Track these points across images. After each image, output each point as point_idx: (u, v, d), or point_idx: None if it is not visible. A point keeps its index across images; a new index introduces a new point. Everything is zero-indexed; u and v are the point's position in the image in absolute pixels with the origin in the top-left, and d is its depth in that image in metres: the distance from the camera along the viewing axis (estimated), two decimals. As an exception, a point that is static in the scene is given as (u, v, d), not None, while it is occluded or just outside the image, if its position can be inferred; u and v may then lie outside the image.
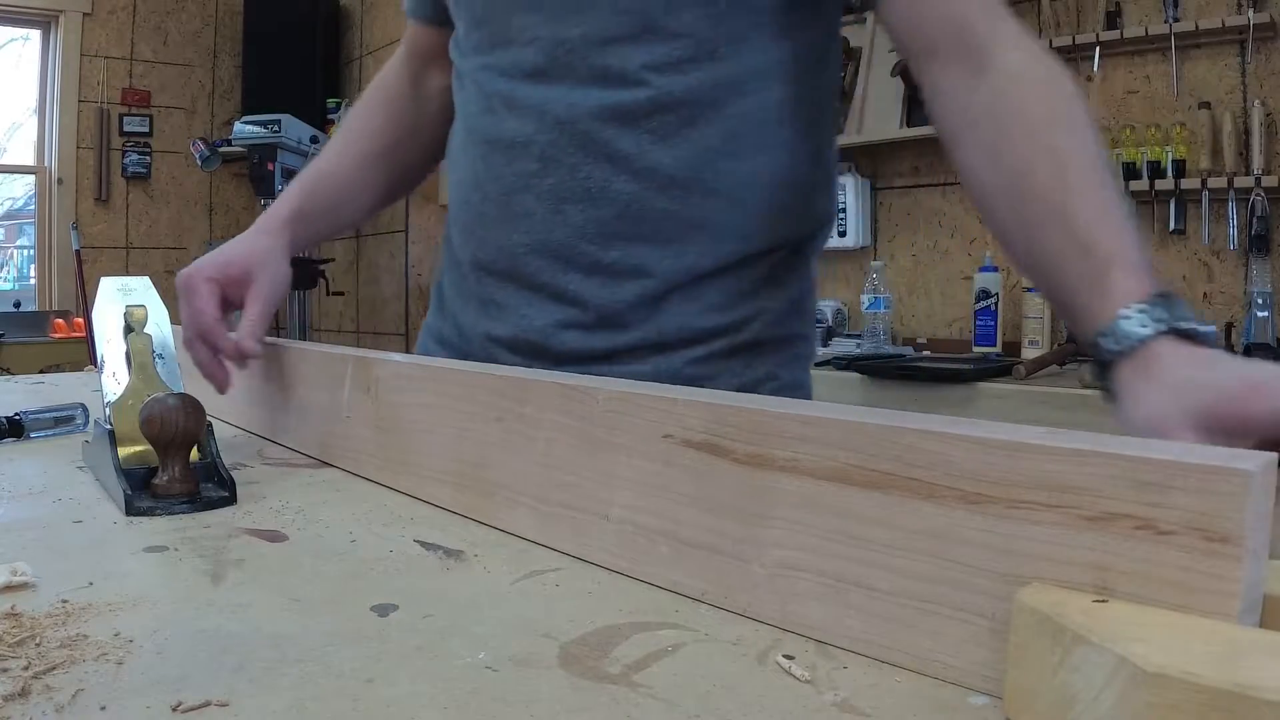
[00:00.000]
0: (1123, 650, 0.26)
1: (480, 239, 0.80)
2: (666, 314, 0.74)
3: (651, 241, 0.72)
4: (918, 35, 0.68)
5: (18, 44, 4.76)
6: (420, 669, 0.36)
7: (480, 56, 0.78)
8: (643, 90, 0.70)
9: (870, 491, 0.36)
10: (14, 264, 5.08)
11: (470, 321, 0.83)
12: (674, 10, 0.69)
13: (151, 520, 0.57)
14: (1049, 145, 0.59)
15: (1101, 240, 0.53)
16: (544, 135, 0.73)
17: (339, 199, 0.93)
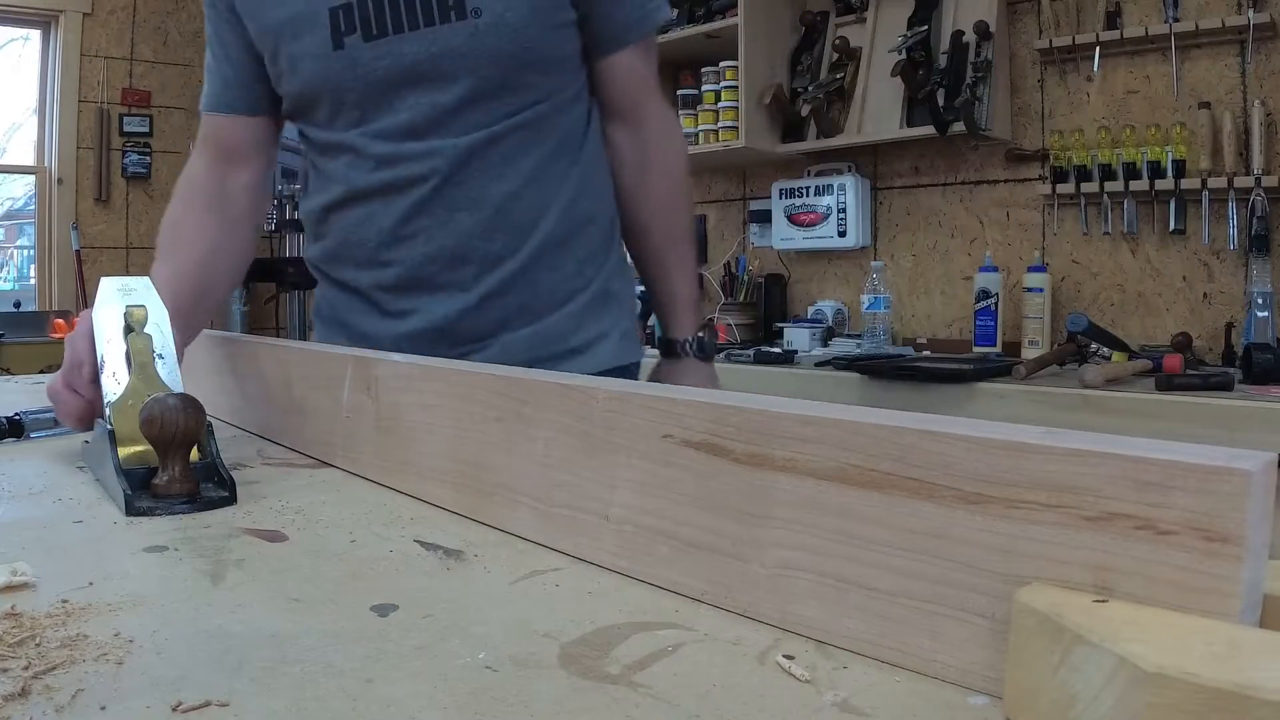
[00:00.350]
0: (1123, 650, 0.26)
1: (380, 267, 1.00)
2: (542, 281, 1.00)
3: (519, 230, 0.97)
4: (607, 101, 1.05)
5: (18, 44, 4.76)
6: (420, 669, 0.36)
7: (357, 128, 0.97)
8: (502, 126, 0.96)
9: (870, 491, 0.36)
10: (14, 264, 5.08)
11: (376, 329, 1.02)
12: (520, 74, 0.95)
13: (151, 520, 0.57)
14: (672, 195, 1.07)
15: (683, 291, 1.08)
16: (434, 170, 0.95)
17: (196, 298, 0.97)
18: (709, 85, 2.81)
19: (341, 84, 0.95)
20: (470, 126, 0.94)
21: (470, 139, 0.94)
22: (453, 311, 0.97)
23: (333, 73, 0.95)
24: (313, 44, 0.95)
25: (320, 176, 1.03)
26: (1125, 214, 2.24)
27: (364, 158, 0.96)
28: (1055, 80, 2.39)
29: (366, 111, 0.96)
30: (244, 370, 0.94)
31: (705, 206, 3.22)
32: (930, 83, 2.38)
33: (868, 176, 2.75)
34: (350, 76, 0.94)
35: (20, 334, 4.12)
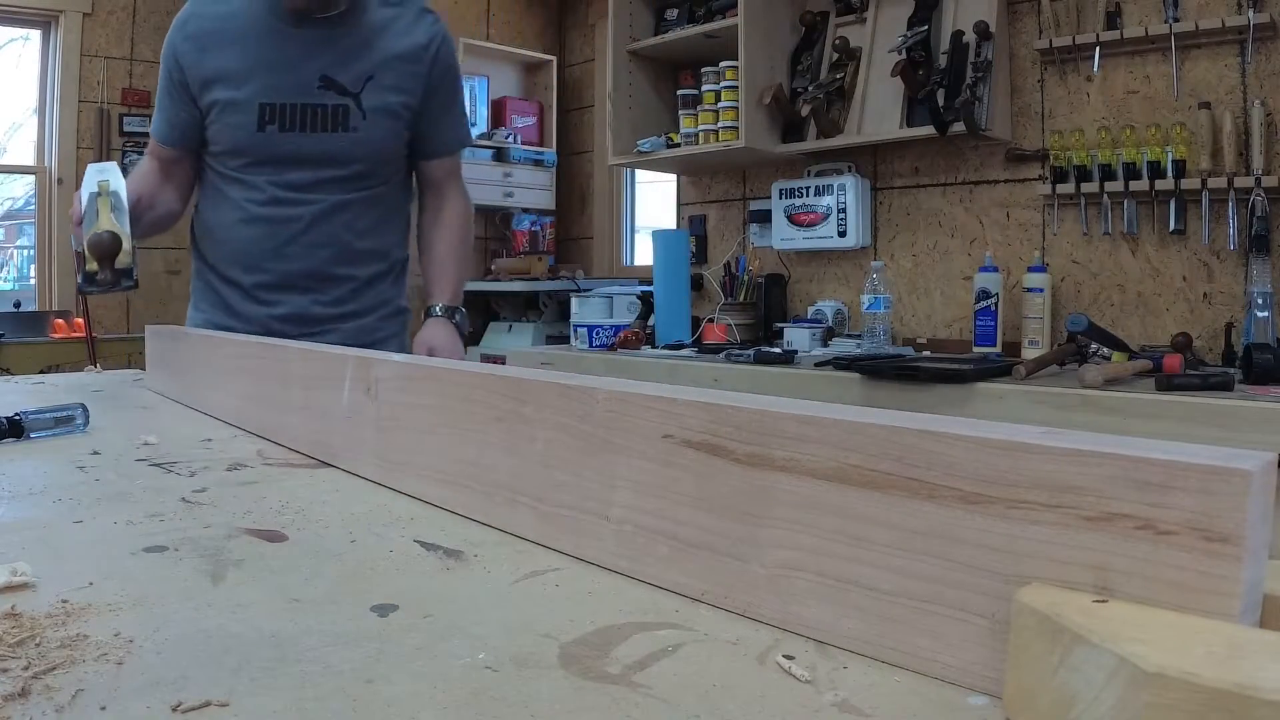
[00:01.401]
0: (1122, 650, 0.26)
1: (262, 272, 1.49)
2: (366, 296, 1.55)
3: (357, 263, 1.53)
4: (424, 183, 1.64)
5: (18, 44, 4.76)
6: (420, 669, 0.36)
7: (260, 175, 1.47)
8: (354, 196, 1.50)
9: (870, 491, 0.36)
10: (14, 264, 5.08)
11: (252, 311, 1.49)
12: (373, 168, 1.51)
13: (151, 520, 0.57)
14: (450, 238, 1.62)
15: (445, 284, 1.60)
16: (307, 214, 1.47)
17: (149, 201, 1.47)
18: (709, 85, 2.81)
19: (257, 152, 1.46)
20: (335, 193, 1.48)
21: (334, 199, 1.47)
22: (309, 307, 1.50)
23: (253, 144, 1.45)
24: (242, 122, 1.44)
25: (219, 193, 1.50)
26: (1125, 214, 2.24)
27: (259, 193, 1.47)
28: (1055, 80, 2.39)
29: (268, 169, 1.46)
30: (244, 370, 0.94)
31: (705, 206, 3.22)
32: (930, 83, 2.38)
33: (868, 176, 2.75)
34: (264, 149, 1.45)
35: (20, 334, 4.12)
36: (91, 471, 0.72)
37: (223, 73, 1.44)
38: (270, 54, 1.44)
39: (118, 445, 0.83)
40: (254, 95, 1.43)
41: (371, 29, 1.48)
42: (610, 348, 2.71)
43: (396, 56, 1.50)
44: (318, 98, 1.45)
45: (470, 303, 4.63)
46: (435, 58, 1.53)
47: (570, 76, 4.89)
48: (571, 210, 4.89)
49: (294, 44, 1.44)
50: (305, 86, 1.45)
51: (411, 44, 1.51)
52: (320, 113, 1.46)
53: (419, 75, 1.52)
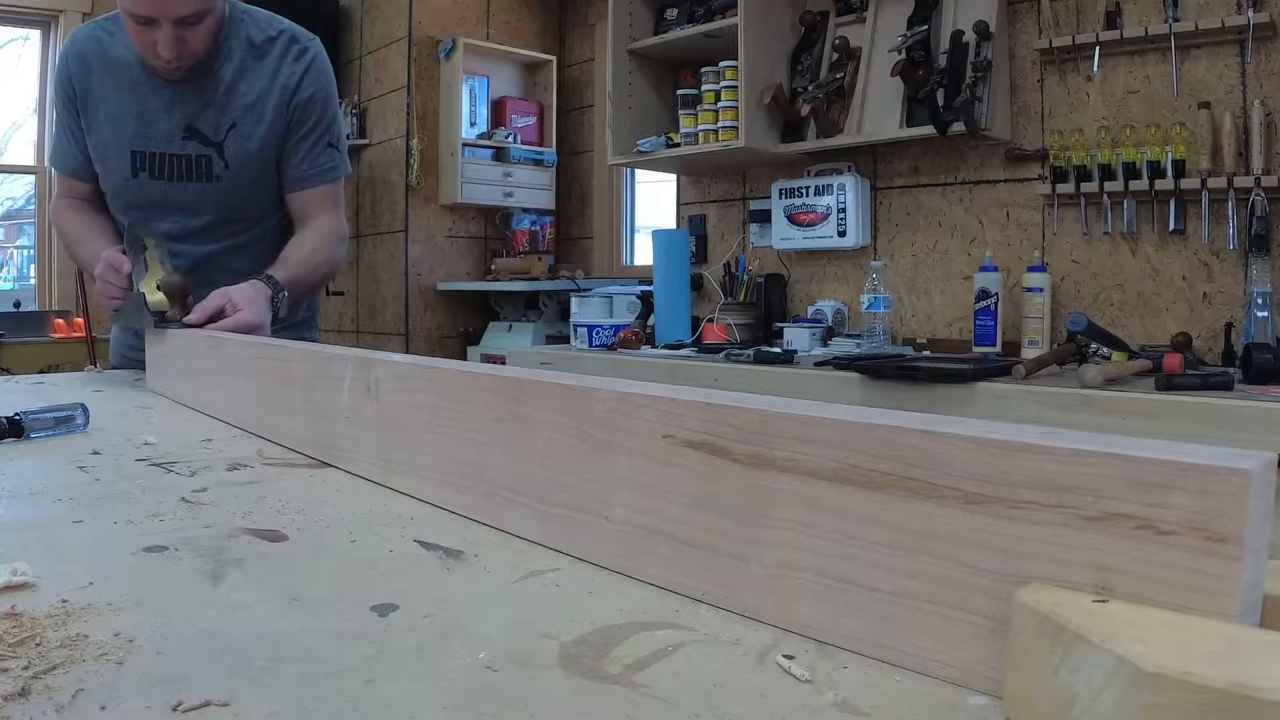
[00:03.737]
0: (1122, 650, 0.26)
1: None
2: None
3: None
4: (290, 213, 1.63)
5: (18, 44, 4.76)
6: (420, 669, 0.36)
7: (137, 216, 1.51)
8: (226, 245, 1.58)
9: (870, 491, 0.36)
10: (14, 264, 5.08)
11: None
12: (246, 209, 1.59)
13: (151, 520, 0.57)
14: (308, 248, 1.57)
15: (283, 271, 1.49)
16: (184, 263, 1.50)
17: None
18: (709, 85, 2.81)
19: (130, 197, 1.53)
20: (207, 242, 1.55)
21: (206, 249, 1.55)
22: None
23: (127, 189, 1.53)
24: (118, 168, 1.51)
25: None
26: (1125, 214, 2.24)
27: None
28: (1055, 80, 2.39)
29: (145, 214, 1.51)
30: (244, 370, 0.94)
31: (705, 206, 3.22)
32: (930, 83, 2.38)
33: (867, 176, 2.75)
34: (138, 195, 1.52)
35: (20, 334, 4.12)
36: (91, 471, 0.72)
37: (104, 112, 1.49)
38: (141, 102, 1.48)
39: (118, 445, 0.83)
40: (126, 141, 1.49)
41: (235, 75, 1.50)
42: (610, 348, 2.71)
43: (259, 100, 1.52)
44: (181, 148, 1.50)
45: (470, 302, 4.64)
46: (295, 91, 1.53)
47: (570, 76, 4.89)
48: (571, 210, 4.89)
49: (162, 94, 1.48)
50: (170, 136, 1.49)
51: (275, 85, 1.52)
52: (185, 162, 1.50)
53: (281, 114, 1.53)
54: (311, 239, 1.57)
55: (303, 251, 1.54)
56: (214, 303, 1.28)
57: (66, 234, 1.58)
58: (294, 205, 1.61)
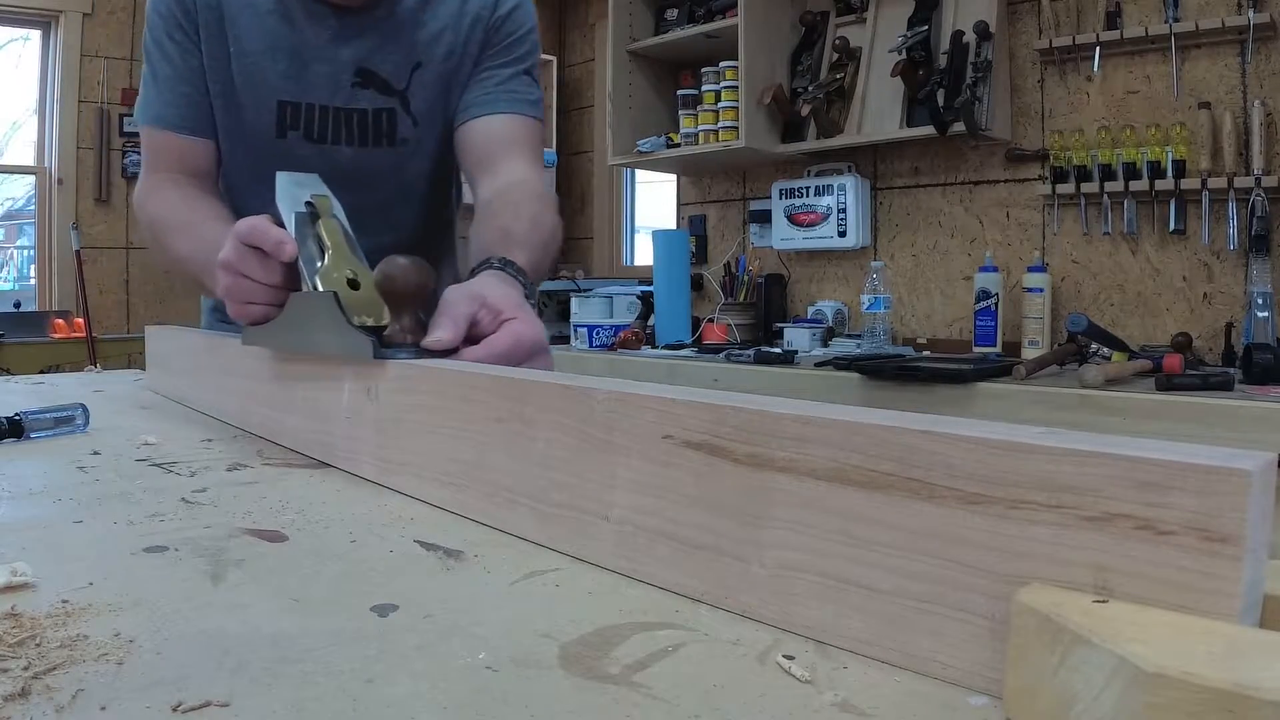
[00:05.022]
0: (1122, 650, 0.26)
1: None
2: None
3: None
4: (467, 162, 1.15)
5: (18, 44, 4.76)
6: (420, 669, 0.36)
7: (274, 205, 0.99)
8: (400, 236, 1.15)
9: (870, 491, 0.36)
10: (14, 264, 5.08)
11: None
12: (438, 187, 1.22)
13: (151, 521, 0.57)
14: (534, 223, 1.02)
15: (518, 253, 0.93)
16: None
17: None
18: (709, 85, 2.81)
19: (274, 168, 0.92)
20: (380, 232, 1.03)
21: (378, 242, 0.91)
22: None
23: (266, 157, 1.05)
24: (256, 125, 1.08)
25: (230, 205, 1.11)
26: (1125, 214, 2.24)
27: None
28: (1055, 80, 2.39)
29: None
30: (244, 370, 0.94)
31: (705, 206, 3.22)
32: (930, 83, 2.38)
33: (868, 176, 2.75)
34: (284, 165, 0.91)
35: (20, 334, 4.12)
36: (91, 472, 0.72)
37: (237, 44, 1.04)
38: (294, 34, 1.04)
39: (118, 445, 0.83)
40: (270, 87, 1.05)
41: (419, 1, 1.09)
42: (610, 348, 2.71)
43: (448, 29, 1.09)
44: (351, 98, 1.07)
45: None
46: (495, 8, 1.12)
47: (570, 76, 4.89)
48: (571, 210, 4.89)
49: (325, 24, 1.04)
50: (336, 83, 1.06)
51: (468, 8, 1.11)
52: (356, 119, 1.08)
53: (474, 45, 1.11)
54: (527, 205, 1.04)
55: (524, 221, 1.00)
56: (463, 309, 0.72)
57: (160, 220, 1.05)
58: (473, 145, 1.11)
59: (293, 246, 0.75)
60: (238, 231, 0.77)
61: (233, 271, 0.78)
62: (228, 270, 0.78)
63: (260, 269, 0.77)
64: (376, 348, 0.67)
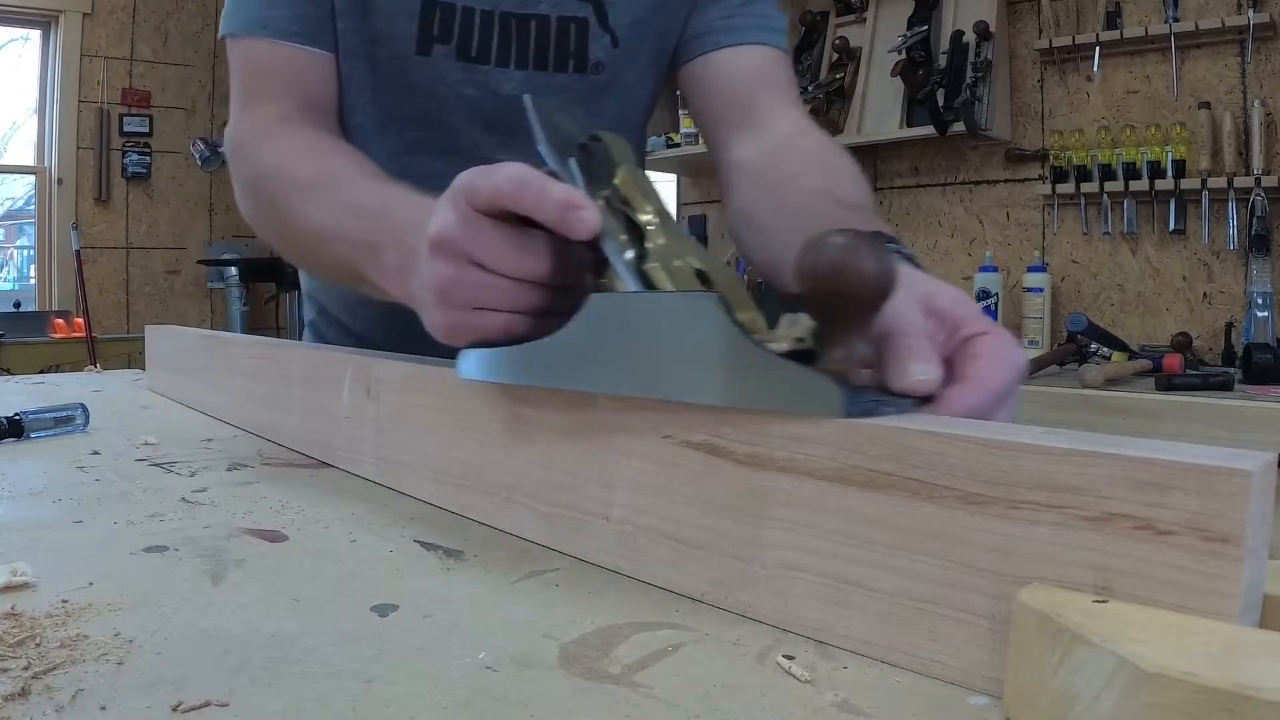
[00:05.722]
0: (1123, 651, 0.26)
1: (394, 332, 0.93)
2: None
3: None
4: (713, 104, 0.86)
5: (18, 44, 4.76)
6: (420, 669, 0.36)
7: (407, 154, 0.81)
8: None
9: (870, 491, 0.36)
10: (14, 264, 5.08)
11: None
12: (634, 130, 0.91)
13: (151, 520, 0.57)
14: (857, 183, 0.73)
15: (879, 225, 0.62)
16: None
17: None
18: (709, 85, 2.81)
19: (415, 97, 0.75)
20: None
21: None
22: None
23: (404, 80, 0.76)
24: (391, 36, 0.75)
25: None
26: (1125, 214, 2.24)
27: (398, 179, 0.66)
28: (1055, 80, 2.39)
29: (426, 137, 0.78)
30: (244, 370, 0.94)
31: (705, 207, 3.22)
32: (930, 83, 2.38)
33: (868, 176, 2.75)
34: (430, 92, 0.74)
35: (20, 334, 4.13)
36: (91, 471, 0.72)
37: None
38: None
39: (118, 445, 0.83)
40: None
41: None
42: (610, 348, 2.71)
43: None
44: (527, 1, 0.79)
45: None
46: None
47: (570, 76, 4.89)
48: (571, 210, 4.88)
49: None
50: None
51: None
52: (534, 30, 0.78)
53: None
54: (839, 160, 0.76)
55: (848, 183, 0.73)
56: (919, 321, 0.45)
57: (279, 173, 0.73)
58: (719, 86, 0.84)
59: (595, 215, 0.45)
60: (476, 188, 0.47)
61: (457, 256, 0.48)
62: (447, 252, 0.48)
63: (515, 252, 0.47)
64: (850, 400, 0.37)
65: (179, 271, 5.02)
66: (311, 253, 0.71)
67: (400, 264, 0.56)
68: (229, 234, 5.09)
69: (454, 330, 0.50)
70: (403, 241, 0.56)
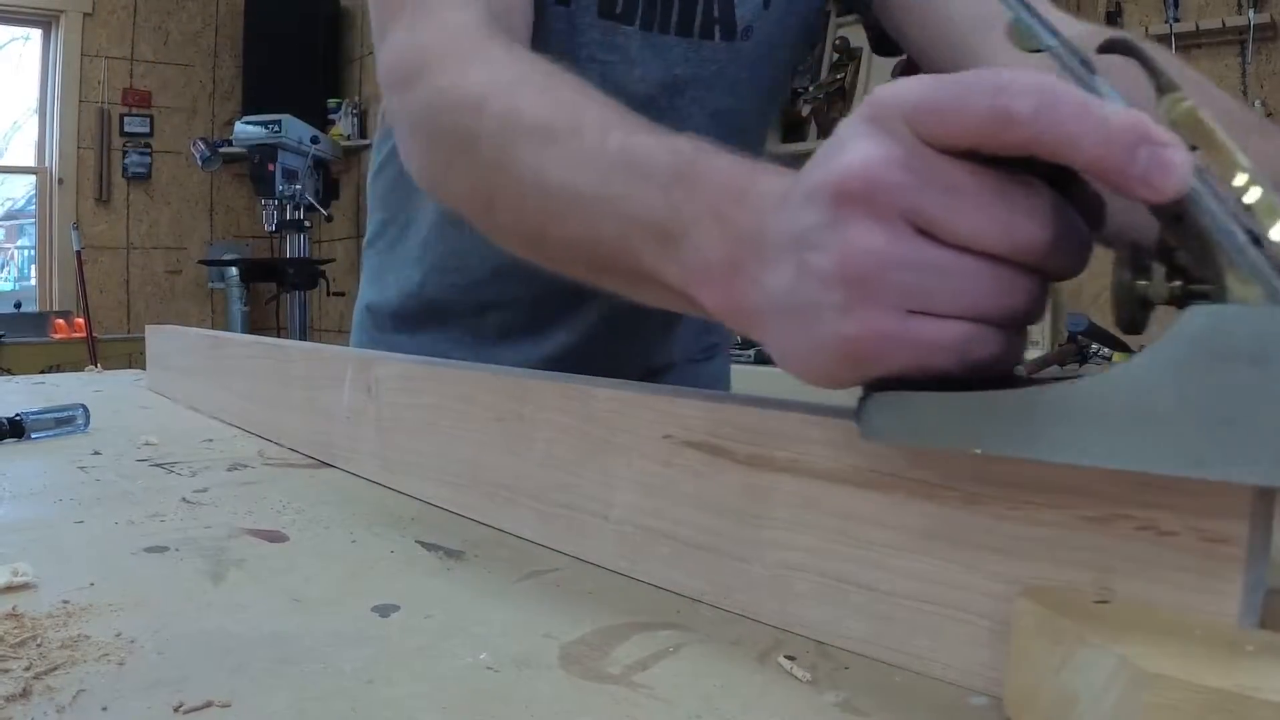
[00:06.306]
0: (1124, 651, 0.26)
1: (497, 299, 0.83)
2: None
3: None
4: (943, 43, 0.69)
5: (18, 44, 4.76)
6: (421, 669, 0.36)
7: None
8: None
9: (870, 492, 0.36)
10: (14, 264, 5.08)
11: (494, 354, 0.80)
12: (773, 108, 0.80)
13: (152, 521, 0.57)
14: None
15: None
16: None
17: None
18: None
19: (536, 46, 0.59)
20: None
21: None
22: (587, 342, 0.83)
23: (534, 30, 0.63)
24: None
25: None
26: (1126, 214, 2.24)
27: None
28: (1056, 80, 2.39)
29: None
30: (244, 370, 0.94)
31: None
32: (931, 83, 2.38)
33: (868, 176, 2.75)
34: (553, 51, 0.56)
35: (20, 334, 4.13)
36: (92, 472, 0.72)
37: None
38: None
39: (118, 445, 0.83)
40: None
41: None
42: (610, 348, 2.71)
43: None
44: None
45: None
46: None
47: (570, 76, 4.88)
48: (572, 210, 4.88)
49: None
50: None
51: None
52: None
53: None
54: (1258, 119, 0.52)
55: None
56: None
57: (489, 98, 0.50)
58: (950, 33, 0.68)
59: (1186, 160, 0.26)
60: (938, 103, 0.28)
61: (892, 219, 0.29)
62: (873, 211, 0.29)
63: (1005, 212, 0.28)
64: None
65: (179, 272, 5.02)
66: (548, 225, 0.47)
67: (728, 256, 0.36)
68: (230, 234, 5.09)
69: (871, 346, 0.30)
70: (729, 219, 0.36)
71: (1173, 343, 0.26)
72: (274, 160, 3.74)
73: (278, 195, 3.89)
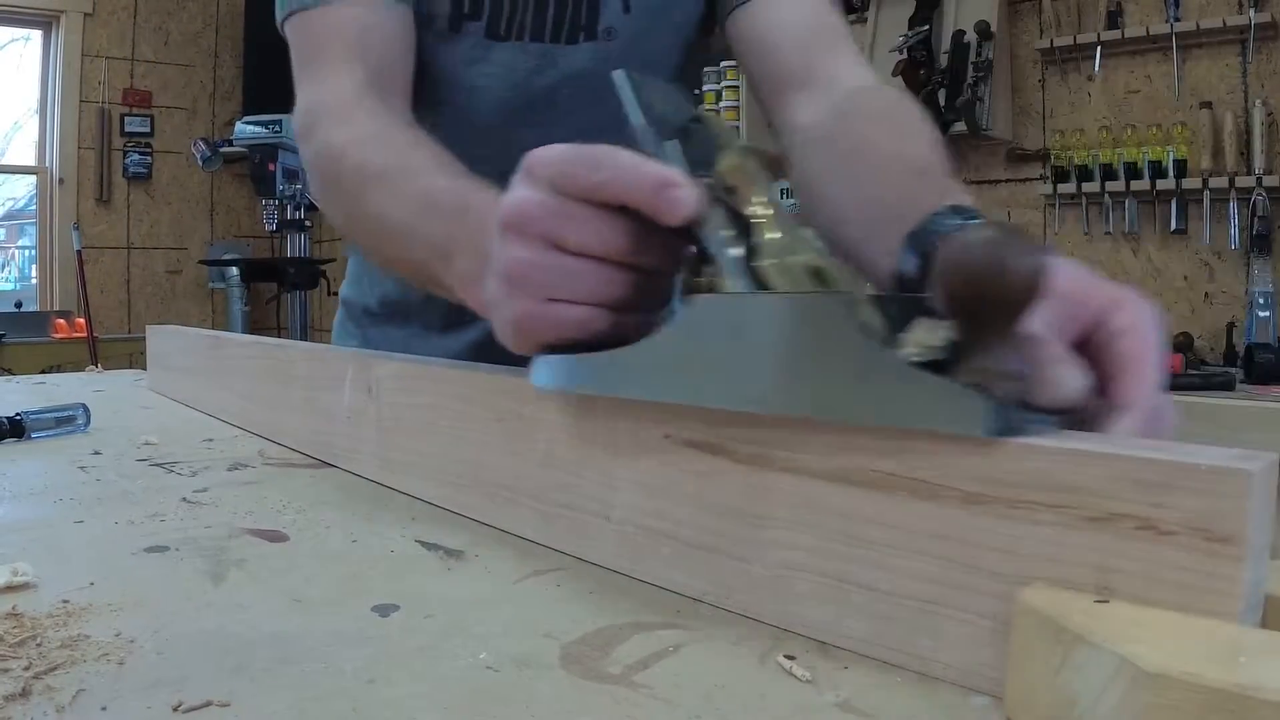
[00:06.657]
0: (1124, 651, 0.26)
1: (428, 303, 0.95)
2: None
3: None
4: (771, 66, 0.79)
5: (19, 44, 4.77)
6: (421, 669, 0.36)
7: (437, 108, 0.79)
8: None
9: (870, 491, 0.36)
10: (15, 264, 5.08)
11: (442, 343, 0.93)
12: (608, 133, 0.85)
13: (152, 520, 0.57)
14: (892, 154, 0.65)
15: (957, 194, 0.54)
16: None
17: None
18: (709, 85, 2.81)
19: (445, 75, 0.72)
20: None
21: None
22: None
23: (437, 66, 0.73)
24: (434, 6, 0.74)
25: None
26: (1126, 214, 2.24)
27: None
28: (1056, 80, 2.39)
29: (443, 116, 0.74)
30: (244, 370, 0.94)
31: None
32: (931, 82, 2.38)
33: (868, 176, 2.75)
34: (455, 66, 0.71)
35: (21, 334, 4.13)
36: (92, 471, 0.72)
37: None
38: None
39: (118, 445, 0.83)
40: None
41: None
42: (611, 348, 2.71)
43: None
44: None
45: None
46: None
47: (571, 76, 4.89)
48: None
49: None
50: None
51: None
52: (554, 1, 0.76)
53: None
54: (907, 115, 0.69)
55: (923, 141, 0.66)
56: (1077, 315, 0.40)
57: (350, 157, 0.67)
58: (770, 43, 0.77)
59: (693, 195, 0.40)
60: (555, 164, 0.42)
61: (532, 236, 0.43)
62: (521, 232, 0.43)
63: (599, 231, 0.42)
64: (995, 416, 0.33)
65: (180, 272, 5.02)
66: (381, 248, 0.66)
67: (475, 270, 0.50)
68: (230, 234, 5.09)
69: (526, 325, 0.44)
70: (478, 246, 0.49)
71: (683, 318, 0.41)
72: (274, 160, 3.74)
73: (278, 195, 3.89)
